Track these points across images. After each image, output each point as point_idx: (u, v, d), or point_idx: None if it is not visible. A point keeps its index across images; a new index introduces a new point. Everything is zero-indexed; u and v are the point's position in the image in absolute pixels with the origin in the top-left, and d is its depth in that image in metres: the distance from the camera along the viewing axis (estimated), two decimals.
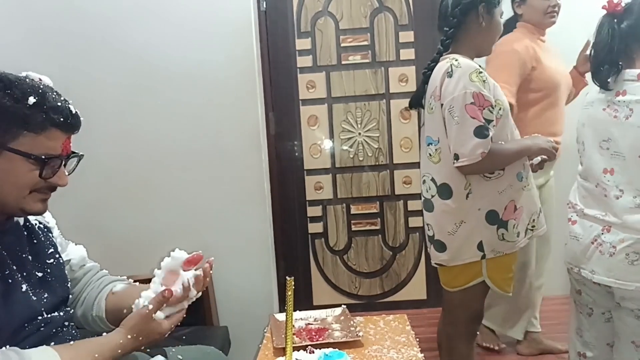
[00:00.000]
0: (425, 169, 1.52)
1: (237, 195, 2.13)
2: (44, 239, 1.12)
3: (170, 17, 2.09)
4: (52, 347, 0.91)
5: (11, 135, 0.92)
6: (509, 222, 1.42)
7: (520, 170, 1.45)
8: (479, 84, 1.35)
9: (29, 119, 0.92)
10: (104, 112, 2.06)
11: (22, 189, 0.96)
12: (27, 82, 0.95)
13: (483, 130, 1.34)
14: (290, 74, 2.56)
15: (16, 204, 0.97)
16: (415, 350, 1.29)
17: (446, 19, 1.47)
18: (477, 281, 1.47)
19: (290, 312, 1.12)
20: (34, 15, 2.07)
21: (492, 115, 1.36)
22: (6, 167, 0.93)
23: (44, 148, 0.95)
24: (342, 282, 2.66)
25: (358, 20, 2.56)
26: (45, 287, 1.05)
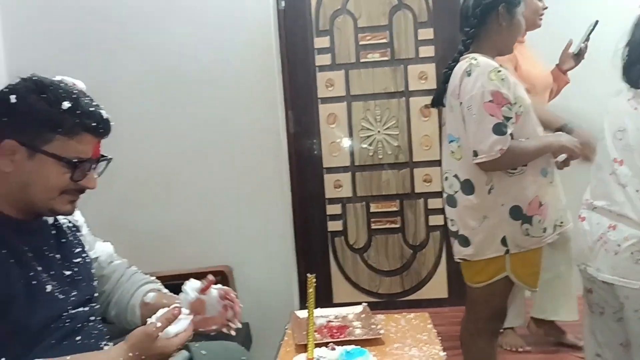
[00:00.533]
0: (447, 165, 1.53)
1: (257, 193, 2.15)
2: (72, 238, 1.14)
3: (191, 17, 2.12)
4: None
5: (44, 139, 0.95)
6: (534, 217, 1.42)
7: (545, 166, 1.45)
8: (498, 82, 1.37)
9: (62, 123, 0.95)
10: (127, 112, 2.10)
11: (52, 190, 0.98)
12: (61, 87, 0.97)
13: (501, 127, 1.35)
14: (308, 73, 2.56)
15: (45, 205, 0.99)
16: (437, 349, 1.28)
17: (467, 19, 1.49)
18: (501, 276, 1.46)
19: (311, 309, 1.13)
20: (57, 17, 2.12)
21: (511, 112, 1.38)
22: (38, 169, 0.96)
23: (75, 152, 0.97)
24: (362, 280, 2.66)
25: (377, 18, 2.55)
26: (73, 285, 1.08)
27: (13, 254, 0.96)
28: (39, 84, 0.96)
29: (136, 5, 2.12)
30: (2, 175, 0.96)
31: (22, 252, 0.98)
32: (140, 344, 0.94)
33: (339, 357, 1.11)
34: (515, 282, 1.47)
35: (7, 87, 0.98)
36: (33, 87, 0.96)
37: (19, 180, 0.96)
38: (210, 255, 2.12)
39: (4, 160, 0.94)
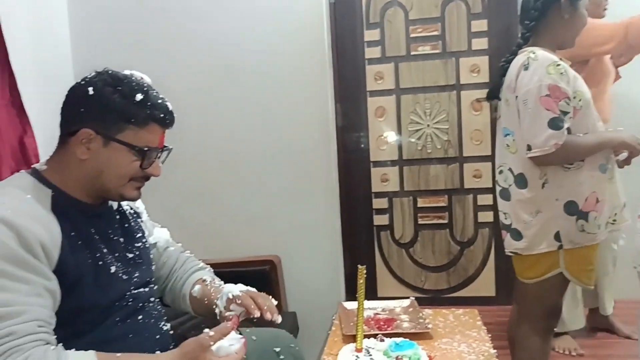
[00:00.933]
0: (502, 159, 1.51)
1: (306, 185, 2.18)
2: (133, 224, 1.21)
3: (245, 12, 2.16)
4: (94, 353, 0.92)
5: (118, 128, 1.01)
6: (590, 213, 1.38)
7: (604, 162, 1.41)
8: (556, 76, 1.33)
9: (134, 114, 1.01)
10: (183, 106, 2.16)
11: (123, 177, 1.05)
12: (133, 80, 1.04)
13: (557, 122, 1.33)
14: (357, 66, 2.55)
15: (116, 190, 1.06)
16: (488, 346, 1.27)
17: (528, 11, 1.46)
18: (554, 273, 1.43)
19: (361, 299, 1.13)
20: (120, 15, 2.22)
21: (568, 107, 1.34)
22: (111, 156, 1.02)
23: (144, 141, 1.04)
24: (408, 275, 2.64)
25: (428, 9, 2.51)
26: (135, 267, 1.14)
27: (81, 236, 1.02)
28: (114, 77, 1.03)
29: (191, 3, 2.18)
30: (79, 162, 1.02)
31: (89, 235, 1.04)
32: (192, 352, 0.96)
33: (388, 349, 1.12)
34: (570, 279, 1.43)
35: (83, 79, 1.04)
36: (109, 80, 1.02)
37: (93, 166, 1.03)
38: (260, 244, 2.17)
39: (81, 148, 1.01)
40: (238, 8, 2.17)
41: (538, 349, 1.50)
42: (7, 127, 1.57)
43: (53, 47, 2.07)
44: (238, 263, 2.04)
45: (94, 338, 0.97)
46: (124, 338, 1.06)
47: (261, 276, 2.03)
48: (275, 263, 2.08)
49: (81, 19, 2.19)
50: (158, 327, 1.16)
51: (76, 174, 1.03)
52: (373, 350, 1.14)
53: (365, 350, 1.14)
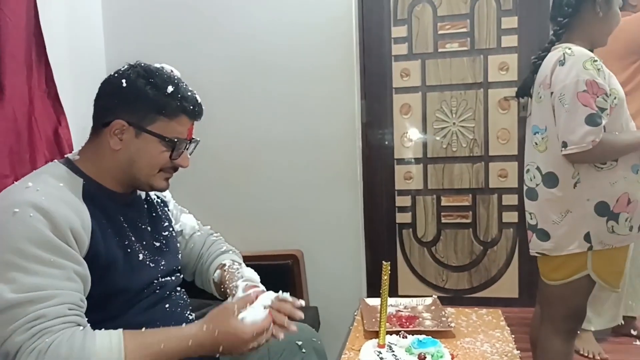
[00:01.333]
0: (530, 157, 1.49)
1: (330, 181, 2.18)
2: (160, 213, 1.23)
3: (273, 7, 2.17)
4: (121, 331, 0.94)
5: (149, 119, 1.04)
6: (621, 214, 1.36)
7: (637, 163, 1.38)
8: (593, 72, 1.31)
9: (166, 105, 1.04)
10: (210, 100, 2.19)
11: (153, 167, 1.07)
12: (164, 73, 1.07)
13: (595, 118, 1.29)
14: (384, 62, 2.54)
15: (146, 180, 1.09)
16: (511, 347, 1.26)
17: (561, 8, 1.43)
18: (581, 275, 1.40)
19: (385, 295, 1.14)
20: (151, 9, 2.25)
21: (606, 103, 1.31)
22: (143, 147, 1.05)
23: (174, 132, 1.06)
24: (429, 273, 2.63)
25: (457, 6, 2.48)
26: (161, 255, 1.16)
27: (111, 223, 1.05)
28: (146, 70, 1.06)
29: None
30: (111, 152, 1.05)
31: (119, 223, 1.07)
32: (216, 317, 0.98)
33: (411, 345, 1.12)
34: (597, 281, 1.40)
35: (116, 72, 1.07)
36: (141, 72, 1.05)
37: (126, 156, 1.05)
38: (283, 239, 2.18)
39: (114, 138, 1.04)
40: (267, 2, 2.18)
41: (561, 351, 1.48)
42: (43, 118, 1.61)
43: (87, 40, 2.12)
44: (261, 257, 2.06)
45: (121, 325, 0.99)
46: (151, 325, 1.08)
47: (283, 270, 2.05)
48: (297, 257, 2.10)
49: (114, 13, 2.23)
50: (184, 315, 1.18)
51: (108, 164, 1.06)
52: (395, 346, 1.15)
53: (387, 347, 1.14)
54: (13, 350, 0.87)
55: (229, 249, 1.35)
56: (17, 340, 0.86)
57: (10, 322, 0.87)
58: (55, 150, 1.62)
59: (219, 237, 1.40)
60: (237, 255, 1.35)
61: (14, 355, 0.87)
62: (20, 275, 0.88)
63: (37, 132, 1.57)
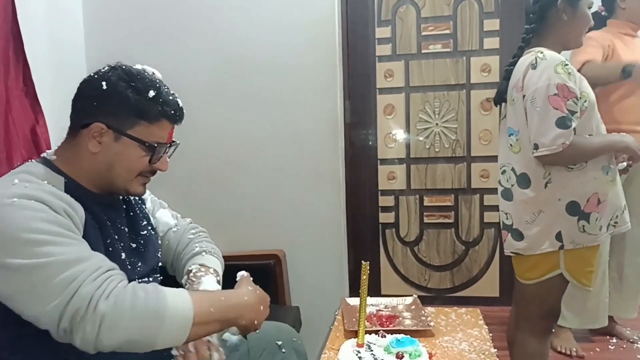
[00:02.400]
0: (505, 159, 1.52)
1: (313, 180, 2.19)
2: (138, 212, 1.22)
3: (255, 7, 2.17)
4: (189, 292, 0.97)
5: (130, 123, 1.03)
6: (592, 214, 1.38)
7: (606, 164, 1.41)
8: (564, 76, 1.33)
9: (147, 110, 1.03)
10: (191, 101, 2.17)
11: (132, 172, 1.06)
12: (146, 76, 1.05)
13: (566, 121, 1.32)
14: (368, 63, 2.56)
15: (123, 185, 1.08)
16: (488, 345, 1.28)
17: (527, 15, 1.48)
18: (554, 274, 1.42)
19: (364, 295, 1.14)
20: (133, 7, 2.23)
21: (576, 107, 1.34)
22: (122, 151, 1.04)
23: (154, 137, 1.05)
24: (412, 273, 2.65)
25: (440, 8, 2.50)
26: (138, 256, 1.15)
27: (96, 220, 1.03)
28: (127, 72, 1.04)
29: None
30: (89, 155, 1.04)
31: (103, 221, 1.06)
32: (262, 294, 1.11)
33: (389, 345, 1.13)
34: (570, 280, 1.43)
35: (97, 73, 1.05)
36: (122, 75, 1.03)
37: (104, 160, 1.04)
38: (266, 239, 2.18)
39: (93, 141, 1.03)
40: (250, 3, 2.18)
41: (536, 350, 1.50)
42: (20, 116, 1.59)
43: (67, 38, 2.09)
44: (243, 257, 2.06)
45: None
46: None
47: (265, 270, 2.05)
48: (279, 257, 2.10)
49: (95, 9, 2.21)
50: None
51: (86, 166, 1.05)
52: (374, 345, 1.15)
53: (366, 346, 1.15)
54: (84, 304, 0.84)
55: (203, 249, 1.30)
56: (84, 292, 0.85)
57: (71, 280, 0.85)
58: (32, 149, 1.60)
59: (198, 232, 1.35)
60: (212, 255, 1.30)
61: (86, 308, 0.84)
62: (52, 248, 0.87)
63: (14, 130, 1.55)
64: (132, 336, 0.87)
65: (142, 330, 0.88)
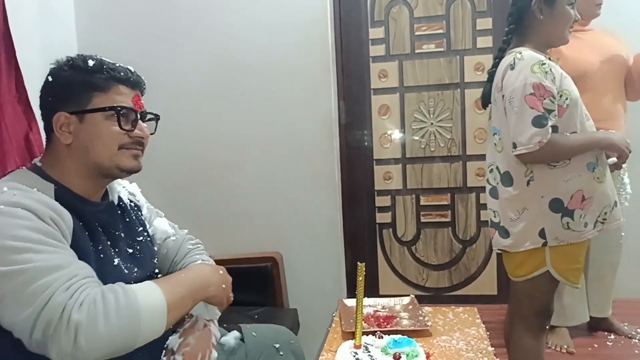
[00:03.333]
0: (491, 158, 1.54)
1: (309, 182, 2.19)
2: (135, 218, 1.21)
3: (249, 8, 2.17)
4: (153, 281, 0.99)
5: (85, 100, 1.03)
6: (575, 211, 1.39)
7: (592, 161, 1.41)
8: (541, 75, 1.35)
9: (93, 80, 1.03)
10: (185, 101, 2.19)
11: (110, 146, 1.05)
12: (85, 55, 1.06)
13: (541, 119, 1.33)
14: (362, 63, 2.56)
15: (110, 163, 1.06)
16: (486, 344, 1.28)
17: (506, 18, 1.52)
18: (542, 271, 1.43)
19: (360, 296, 1.14)
20: (120, 10, 2.23)
21: (553, 105, 1.36)
22: (91, 129, 1.03)
23: (114, 102, 1.04)
24: (409, 273, 2.65)
25: (433, 7, 2.51)
26: (135, 262, 1.14)
27: (86, 227, 1.03)
28: (67, 58, 1.06)
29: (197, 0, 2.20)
30: (66, 150, 1.04)
31: (93, 227, 1.05)
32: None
33: (387, 345, 1.13)
34: (557, 278, 1.43)
35: (48, 73, 1.07)
36: (62, 62, 1.05)
37: (80, 147, 1.04)
38: (262, 241, 2.18)
39: (63, 134, 1.03)
40: (243, 4, 2.18)
41: (531, 348, 1.50)
42: (14, 124, 1.58)
43: (59, 43, 2.09)
44: (240, 260, 2.06)
45: None
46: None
47: (263, 273, 2.05)
48: (277, 260, 2.10)
49: (87, 16, 2.21)
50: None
51: (69, 163, 1.04)
52: (371, 347, 1.15)
53: (363, 347, 1.15)
54: (57, 312, 0.84)
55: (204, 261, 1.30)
56: (58, 300, 0.84)
57: (44, 288, 0.85)
58: (26, 156, 1.59)
59: (196, 244, 1.36)
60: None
61: (59, 318, 0.84)
62: (32, 255, 0.87)
63: (7, 137, 1.54)
64: (113, 339, 0.87)
65: (122, 331, 0.88)
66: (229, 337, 1.23)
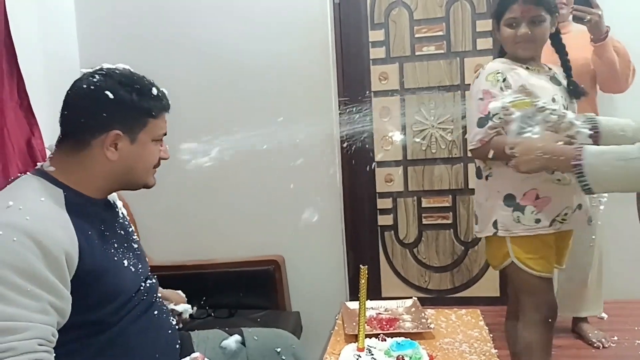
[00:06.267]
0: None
1: (310, 185, 2.19)
2: (121, 215, 1.20)
3: (248, 13, 2.18)
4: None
5: (142, 124, 1.07)
6: (527, 207, 1.50)
7: None
8: (491, 83, 1.51)
9: (153, 108, 1.08)
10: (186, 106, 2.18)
11: (150, 166, 1.12)
12: (139, 76, 1.09)
13: (484, 121, 1.49)
14: (362, 66, 2.56)
15: (143, 181, 1.13)
16: (489, 346, 1.28)
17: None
18: (509, 262, 1.54)
19: (363, 299, 1.15)
20: (121, 17, 2.24)
21: (498, 109, 1.48)
22: (140, 151, 1.08)
23: (160, 129, 1.11)
24: (412, 275, 2.64)
25: (433, 9, 2.51)
26: (139, 259, 1.14)
27: (96, 232, 1.03)
28: (124, 76, 1.07)
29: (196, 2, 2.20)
30: (106, 163, 1.05)
31: (101, 231, 1.05)
32: None
33: (390, 348, 1.13)
34: (521, 267, 1.51)
35: (87, 83, 1.04)
36: (121, 80, 1.06)
37: (124, 164, 1.07)
38: (264, 245, 2.18)
39: (110, 150, 1.05)
40: (243, 8, 2.19)
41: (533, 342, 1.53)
42: (16, 129, 1.59)
43: (61, 49, 2.09)
44: (242, 263, 2.06)
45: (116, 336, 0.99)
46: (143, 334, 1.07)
47: (265, 276, 2.05)
48: (279, 263, 2.10)
49: (89, 22, 2.22)
50: (169, 321, 1.17)
51: (99, 175, 1.07)
52: (375, 349, 1.16)
53: (367, 350, 1.15)
54: None
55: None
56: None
57: None
58: (28, 162, 1.60)
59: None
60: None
61: None
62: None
63: (9, 143, 1.54)
64: None
65: None
66: (230, 340, 1.24)
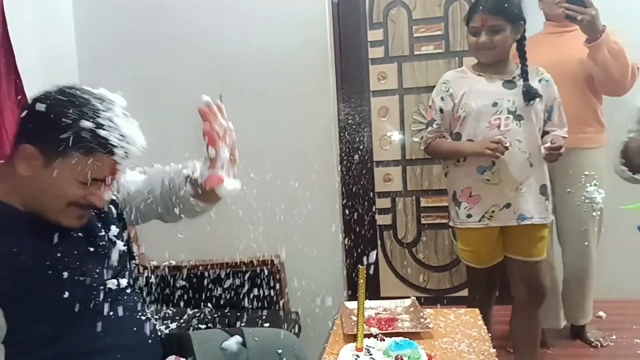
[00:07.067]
0: None
1: (309, 184, 2.19)
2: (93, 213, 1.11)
3: (247, 13, 2.17)
4: None
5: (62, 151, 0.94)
6: (462, 203, 1.75)
7: (482, 165, 1.70)
8: (436, 92, 1.77)
9: (81, 141, 0.93)
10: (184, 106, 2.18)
11: (63, 203, 0.98)
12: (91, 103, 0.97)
13: (428, 125, 1.80)
14: (361, 66, 2.56)
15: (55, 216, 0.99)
16: (487, 345, 1.27)
17: None
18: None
19: (362, 299, 1.14)
20: (118, 15, 2.23)
21: (436, 115, 1.76)
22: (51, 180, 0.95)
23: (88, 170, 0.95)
24: (411, 275, 2.64)
25: (432, 9, 2.51)
26: (97, 259, 1.07)
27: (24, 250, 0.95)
28: (71, 97, 0.97)
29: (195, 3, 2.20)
30: (19, 177, 0.97)
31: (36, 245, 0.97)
32: None
33: (388, 348, 1.12)
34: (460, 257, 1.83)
35: (43, 94, 1.00)
36: (63, 99, 0.96)
37: (34, 185, 0.97)
38: (263, 245, 2.18)
39: (23, 164, 0.96)
40: (241, 9, 2.18)
41: None
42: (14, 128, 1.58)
43: (58, 48, 2.09)
44: (241, 264, 2.05)
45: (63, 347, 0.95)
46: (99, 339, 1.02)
47: (264, 276, 2.05)
48: (277, 263, 2.09)
49: (86, 20, 2.21)
50: (137, 319, 1.11)
51: (17, 188, 0.98)
52: (373, 349, 1.15)
53: (365, 350, 1.15)
54: None
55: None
56: None
57: None
58: None
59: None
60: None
61: None
62: None
63: (7, 143, 1.53)
64: None
65: None
66: (231, 342, 1.23)
